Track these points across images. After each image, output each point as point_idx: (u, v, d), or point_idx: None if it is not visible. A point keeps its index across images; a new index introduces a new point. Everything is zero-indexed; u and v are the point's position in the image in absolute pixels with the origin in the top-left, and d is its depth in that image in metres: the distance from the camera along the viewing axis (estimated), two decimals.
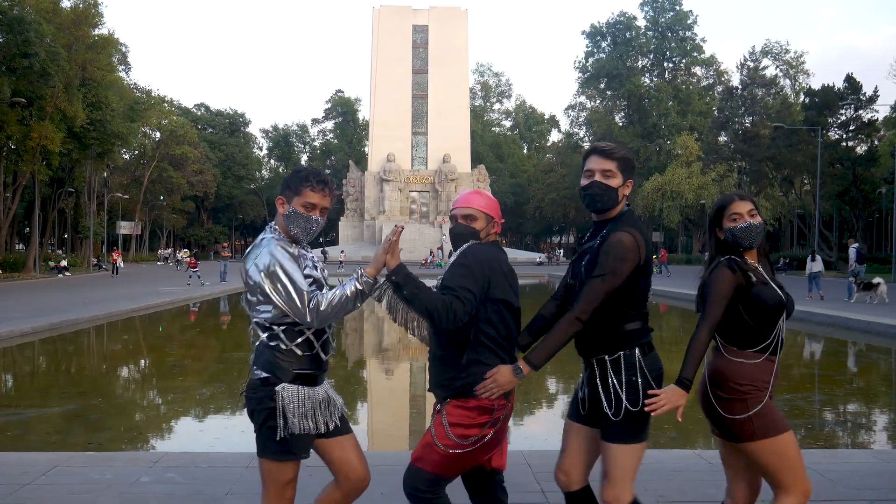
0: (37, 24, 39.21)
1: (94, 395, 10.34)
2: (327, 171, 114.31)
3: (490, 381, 3.23)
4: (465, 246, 3.44)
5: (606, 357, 3.26)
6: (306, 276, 3.22)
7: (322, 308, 3.12)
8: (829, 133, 56.10)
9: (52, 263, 50.23)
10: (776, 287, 3.34)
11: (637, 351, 3.24)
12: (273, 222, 3.40)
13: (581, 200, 3.41)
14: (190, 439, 7.82)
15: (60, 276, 46.27)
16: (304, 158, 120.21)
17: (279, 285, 3.13)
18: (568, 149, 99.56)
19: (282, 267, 3.15)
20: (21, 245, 69.00)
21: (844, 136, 57.73)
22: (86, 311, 19.94)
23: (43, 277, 44.36)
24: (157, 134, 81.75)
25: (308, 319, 3.13)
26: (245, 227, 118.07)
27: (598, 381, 3.28)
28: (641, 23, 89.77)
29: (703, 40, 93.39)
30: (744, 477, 3.46)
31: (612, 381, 3.22)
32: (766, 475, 3.30)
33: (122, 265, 48.51)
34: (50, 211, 58.87)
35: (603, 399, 3.24)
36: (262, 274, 3.17)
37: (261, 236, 3.34)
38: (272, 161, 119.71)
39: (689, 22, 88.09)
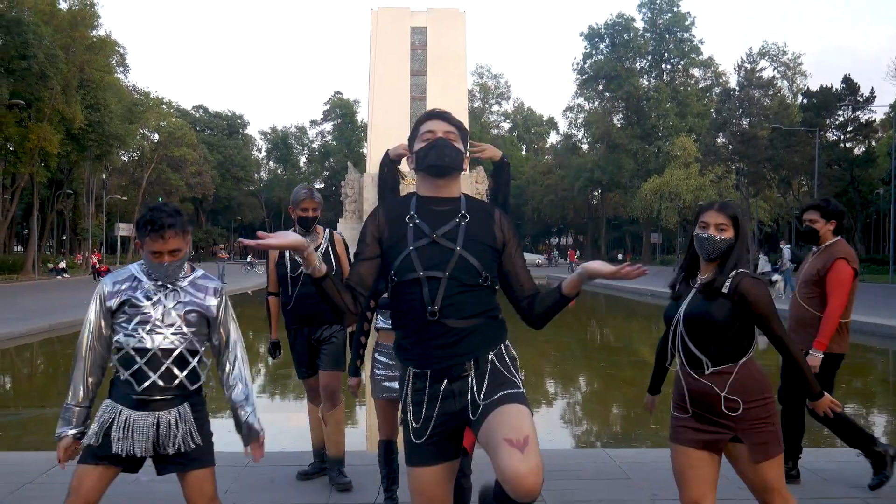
0: (35, 25, 39.27)
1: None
2: (325, 175, 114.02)
3: None
4: None
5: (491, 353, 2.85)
6: (131, 305, 3.24)
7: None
8: (827, 134, 56.13)
9: (50, 265, 50.22)
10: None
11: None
12: None
13: (419, 166, 2.86)
14: None
15: (59, 277, 46.28)
16: (302, 160, 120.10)
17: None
18: (566, 150, 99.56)
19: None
20: (20, 247, 68.98)
21: (842, 137, 57.78)
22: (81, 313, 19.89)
23: (42, 279, 44.36)
24: (156, 136, 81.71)
25: None
26: (244, 229, 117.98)
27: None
28: (639, 24, 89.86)
29: (702, 42, 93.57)
30: None
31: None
32: None
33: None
34: (48, 213, 58.83)
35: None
36: None
37: None
38: (271, 163, 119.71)
39: (686, 23, 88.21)
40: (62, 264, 49.30)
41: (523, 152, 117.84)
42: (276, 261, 5.20)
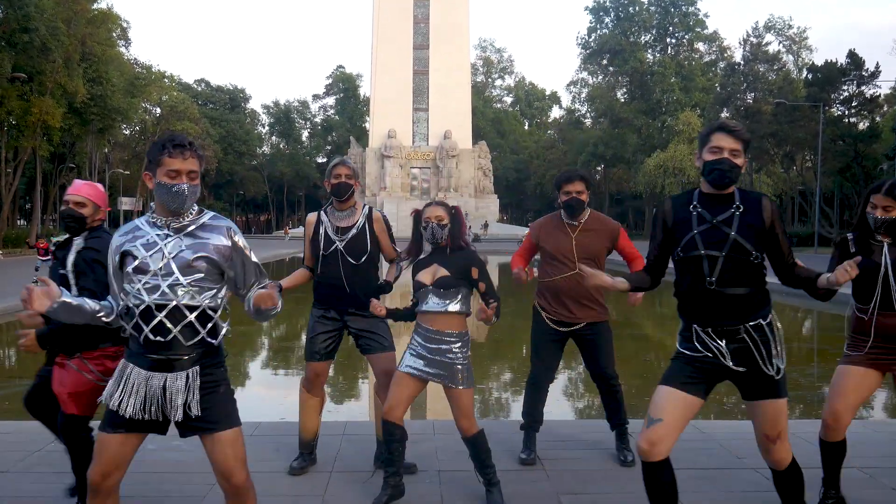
0: None
1: None
2: (327, 150, 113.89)
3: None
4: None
5: (762, 321, 3.40)
6: (131, 256, 3.07)
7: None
8: (832, 109, 55.91)
9: (54, 239, 50.48)
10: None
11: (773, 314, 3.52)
12: (153, 202, 3.21)
13: (705, 174, 3.48)
14: None
15: None
16: (304, 134, 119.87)
17: None
18: (569, 125, 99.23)
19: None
20: (22, 221, 69.15)
21: (846, 112, 57.55)
22: None
23: None
24: (158, 110, 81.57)
25: None
26: (246, 204, 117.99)
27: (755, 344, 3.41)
28: None
29: (707, 16, 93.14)
30: None
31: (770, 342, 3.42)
32: None
33: None
34: (51, 187, 58.92)
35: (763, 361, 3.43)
36: None
37: None
38: (273, 137, 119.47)
39: None
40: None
41: (525, 127, 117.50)
42: (311, 237, 5.05)
